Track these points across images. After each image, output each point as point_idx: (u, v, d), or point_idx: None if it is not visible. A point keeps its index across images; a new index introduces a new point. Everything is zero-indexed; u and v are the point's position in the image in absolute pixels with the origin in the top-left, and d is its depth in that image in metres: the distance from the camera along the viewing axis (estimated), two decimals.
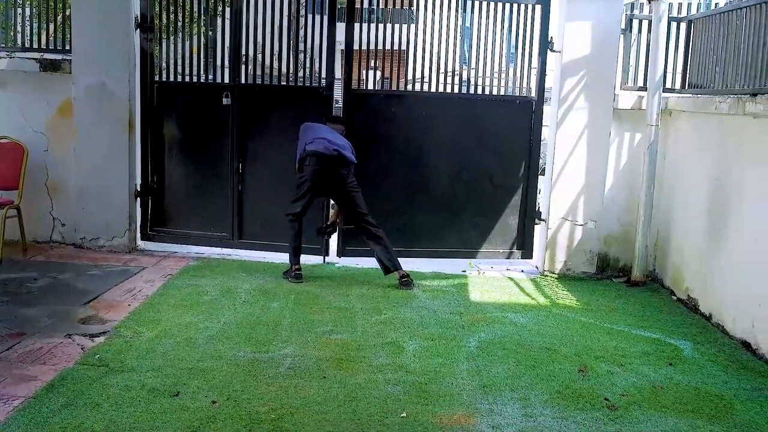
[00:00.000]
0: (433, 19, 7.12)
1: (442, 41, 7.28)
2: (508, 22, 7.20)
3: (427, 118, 7.34)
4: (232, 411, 3.92)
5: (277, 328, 5.31)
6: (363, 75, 7.54)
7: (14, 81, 7.37)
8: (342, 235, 7.50)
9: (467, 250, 7.61)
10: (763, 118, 5.36)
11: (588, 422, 4.02)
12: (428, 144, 7.40)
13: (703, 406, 4.31)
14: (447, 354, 4.96)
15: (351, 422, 3.88)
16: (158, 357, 4.64)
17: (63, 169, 7.39)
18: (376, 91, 7.58)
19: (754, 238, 5.39)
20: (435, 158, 7.43)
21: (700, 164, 6.48)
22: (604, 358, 5.00)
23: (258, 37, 7.34)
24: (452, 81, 7.38)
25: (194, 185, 7.60)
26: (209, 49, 7.49)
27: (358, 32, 7.25)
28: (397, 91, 7.55)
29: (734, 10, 6.10)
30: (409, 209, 7.50)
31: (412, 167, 7.44)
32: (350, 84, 7.36)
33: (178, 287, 6.23)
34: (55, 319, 5.27)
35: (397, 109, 7.37)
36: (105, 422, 3.73)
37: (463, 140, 7.40)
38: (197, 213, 7.60)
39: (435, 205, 7.49)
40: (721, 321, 5.80)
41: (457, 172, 7.44)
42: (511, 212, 7.52)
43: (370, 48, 7.38)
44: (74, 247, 7.41)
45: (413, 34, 7.35)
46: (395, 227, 7.37)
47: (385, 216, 7.22)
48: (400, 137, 7.40)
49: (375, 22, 7.31)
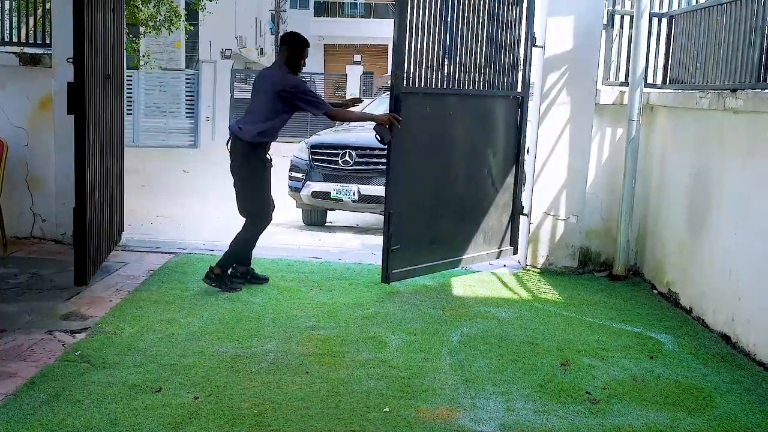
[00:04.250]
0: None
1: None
2: (496, 17, 6.99)
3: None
4: (214, 407, 3.92)
5: (259, 324, 5.30)
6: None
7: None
8: (387, 258, 6.32)
9: (472, 255, 7.07)
10: (743, 113, 5.40)
11: (570, 416, 4.05)
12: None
13: (684, 399, 4.34)
14: (429, 349, 4.97)
15: (334, 417, 3.88)
16: (140, 353, 4.62)
17: (43, 165, 7.33)
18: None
19: (734, 232, 5.43)
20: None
21: (681, 159, 6.53)
22: (585, 352, 5.03)
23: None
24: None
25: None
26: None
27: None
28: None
29: (715, 6, 6.13)
30: (431, 219, 6.71)
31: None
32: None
33: (160, 283, 6.21)
34: (35, 316, 5.24)
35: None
36: (86, 419, 3.71)
37: (462, 139, 6.99)
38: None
39: (447, 210, 6.84)
40: (701, 314, 5.85)
41: (461, 171, 6.90)
42: (504, 210, 7.32)
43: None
44: (55, 242, 7.36)
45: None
46: (422, 239, 6.61)
47: (410, 228, 6.46)
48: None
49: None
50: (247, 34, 37.01)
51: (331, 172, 9.54)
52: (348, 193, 9.30)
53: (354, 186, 9.29)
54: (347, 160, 9.46)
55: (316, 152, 9.77)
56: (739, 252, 5.35)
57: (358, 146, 9.48)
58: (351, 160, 9.43)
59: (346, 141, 9.77)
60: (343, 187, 9.34)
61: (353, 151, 9.46)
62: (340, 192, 9.35)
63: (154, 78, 23.09)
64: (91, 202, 5.91)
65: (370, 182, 9.28)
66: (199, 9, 20.48)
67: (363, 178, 9.36)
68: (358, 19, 44.63)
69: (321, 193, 9.52)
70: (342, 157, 9.50)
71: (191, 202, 11.33)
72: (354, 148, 9.49)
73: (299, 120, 24.33)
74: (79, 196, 5.73)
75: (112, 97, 6.69)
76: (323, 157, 9.70)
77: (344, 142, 9.77)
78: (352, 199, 9.31)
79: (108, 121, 6.55)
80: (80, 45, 5.54)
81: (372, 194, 9.16)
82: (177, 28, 19.45)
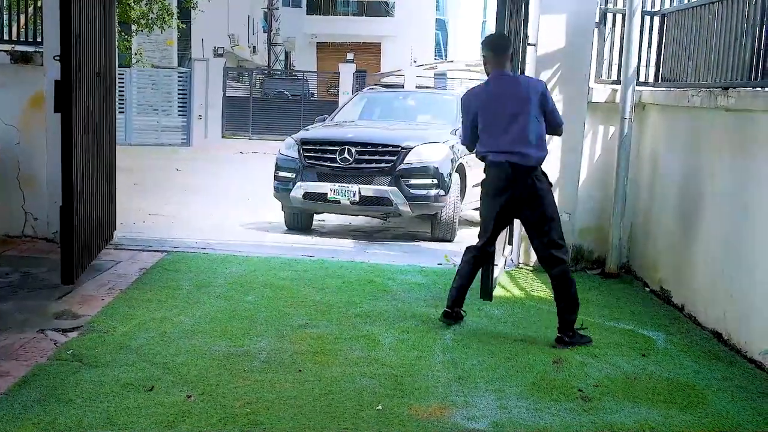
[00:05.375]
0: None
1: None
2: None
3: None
4: (206, 405, 3.91)
5: (252, 322, 5.29)
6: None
7: None
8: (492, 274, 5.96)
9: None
10: (735, 111, 5.42)
11: (562, 413, 4.05)
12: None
13: (676, 397, 4.35)
14: (422, 347, 4.97)
15: (326, 416, 3.88)
16: (132, 352, 4.61)
17: (35, 163, 7.30)
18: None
19: (726, 230, 5.44)
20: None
21: (673, 157, 6.54)
22: (577, 350, 5.04)
23: None
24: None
25: None
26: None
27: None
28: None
29: (706, 4, 6.15)
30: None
31: None
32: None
33: (152, 281, 6.20)
34: (27, 314, 5.22)
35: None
36: (78, 418, 3.70)
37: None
38: None
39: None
40: (693, 312, 5.87)
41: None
42: None
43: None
44: (46, 241, 7.33)
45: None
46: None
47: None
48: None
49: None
50: (239, 32, 36.96)
51: (327, 171, 8.77)
52: (347, 194, 8.55)
53: (354, 186, 8.55)
54: (346, 157, 8.67)
55: (308, 149, 8.95)
56: (730, 250, 5.36)
57: (359, 142, 8.83)
58: (350, 157, 8.66)
59: (343, 136, 9.04)
60: (342, 187, 8.57)
61: (353, 147, 8.71)
62: (338, 192, 8.59)
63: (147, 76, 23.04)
64: (80, 200, 5.89)
65: (373, 182, 8.64)
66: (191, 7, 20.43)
67: (364, 177, 8.65)
68: (351, 17, 44.60)
69: (315, 195, 8.73)
70: (340, 154, 8.71)
71: (184, 200, 11.31)
72: (354, 144, 8.76)
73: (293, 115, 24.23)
74: (66, 194, 5.70)
75: (103, 95, 6.67)
76: (317, 154, 8.89)
77: (342, 137, 9.01)
78: (351, 200, 8.58)
79: (99, 119, 6.53)
80: (67, 42, 5.51)
81: (374, 195, 8.58)
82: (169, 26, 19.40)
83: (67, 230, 5.74)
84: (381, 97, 12.02)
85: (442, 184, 8.68)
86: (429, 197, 8.64)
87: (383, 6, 44.59)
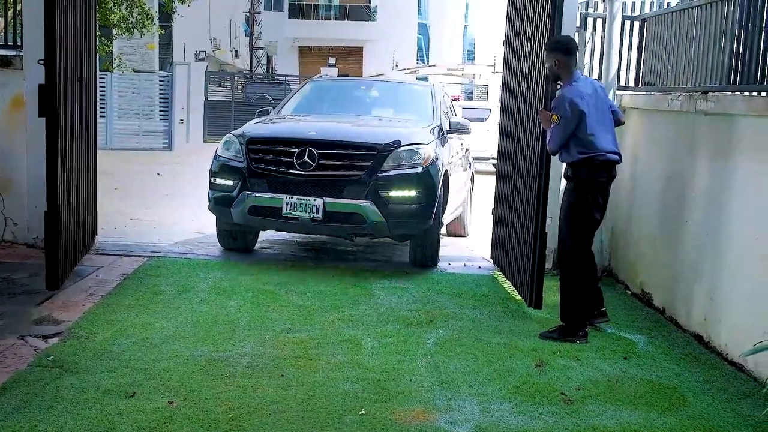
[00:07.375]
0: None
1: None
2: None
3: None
4: (189, 411, 3.89)
5: (234, 327, 5.27)
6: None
7: None
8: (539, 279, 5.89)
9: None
10: (715, 115, 5.46)
11: (545, 416, 4.07)
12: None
13: (657, 399, 4.38)
14: (405, 351, 4.98)
15: (309, 421, 3.87)
16: (113, 358, 4.58)
17: (15, 167, 7.23)
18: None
19: (706, 233, 5.48)
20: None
21: (654, 161, 6.59)
22: (560, 353, 5.06)
23: None
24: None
25: None
26: None
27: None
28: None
29: (685, 9, 6.20)
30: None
31: None
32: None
33: (133, 287, 6.16)
34: (7, 320, 5.17)
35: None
36: (59, 425, 3.67)
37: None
38: None
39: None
40: (674, 315, 5.90)
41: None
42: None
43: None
44: (27, 246, 7.26)
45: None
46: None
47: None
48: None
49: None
50: (221, 36, 36.90)
51: (281, 179, 6.90)
52: (308, 209, 6.73)
53: (317, 199, 6.73)
54: (307, 161, 6.81)
55: (255, 150, 7.07)
56: (711, 253, 5.40)
57: (324, 141, 6.98)
58: (312, 161, 6.80)
59: (304, 134, 7.19)
60: (301, 201, 6.74)
61: (315, 149, 6.85)
62: (296, 207, 6.75)
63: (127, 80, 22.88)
64: (63, 205, 5.86)
65: (342, 194, 6.80)
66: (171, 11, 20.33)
67: (331, 188, 6.81)
68: (333, 21, 44.57)
69: (265, 209, 6.90)
70: (299, 157, 6.84)
71: (165, 204, 11.24)
72: (317, 145, 6.89)
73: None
74: (51, 199, 5.66)
75: (84, 100, 6.63)
76: (269, 157, 7.03)
77: (301, 135, 7.16)
78: (312, 217, 6.75)
79: (80, 123, 6.49)
80: (51, 47, 5.48)
81: (341, 211, 6.79)
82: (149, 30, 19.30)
83: (52, 236, 5.70)
84: (336, 86, 9.79)
85: (430, 196, 6.99)
86: (414, 214, 6.93)
87: (365, 10, 44.59)
